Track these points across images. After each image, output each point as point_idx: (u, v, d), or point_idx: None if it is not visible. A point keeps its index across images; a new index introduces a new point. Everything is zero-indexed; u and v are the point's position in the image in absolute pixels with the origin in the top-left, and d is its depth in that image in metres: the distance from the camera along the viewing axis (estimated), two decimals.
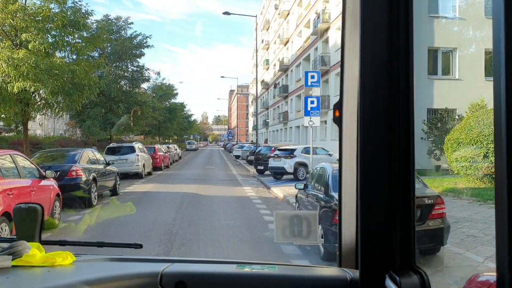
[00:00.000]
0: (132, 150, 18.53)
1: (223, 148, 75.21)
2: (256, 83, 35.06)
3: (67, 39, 16.61)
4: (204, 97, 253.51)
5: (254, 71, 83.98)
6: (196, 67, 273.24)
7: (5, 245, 1.43)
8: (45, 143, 31.16)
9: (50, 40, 15.83)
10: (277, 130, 52.93)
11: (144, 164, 18.95)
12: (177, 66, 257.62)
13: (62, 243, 1.61)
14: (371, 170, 1.15)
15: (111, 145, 19.51)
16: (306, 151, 18.68)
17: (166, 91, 54.28)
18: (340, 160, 1.39)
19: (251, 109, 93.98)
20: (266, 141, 52.78)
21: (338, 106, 1.37)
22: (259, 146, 27.90)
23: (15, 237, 1.53)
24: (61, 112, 17.36)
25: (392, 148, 1.13)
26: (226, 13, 28.43)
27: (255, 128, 79.03)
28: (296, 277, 1.34)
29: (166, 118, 52.13)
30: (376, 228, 1.15)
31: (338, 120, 1.37)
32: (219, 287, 1.35)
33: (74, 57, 17.70)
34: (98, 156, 12.33)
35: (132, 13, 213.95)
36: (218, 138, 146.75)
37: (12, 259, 1.36)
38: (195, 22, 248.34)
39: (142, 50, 29.97)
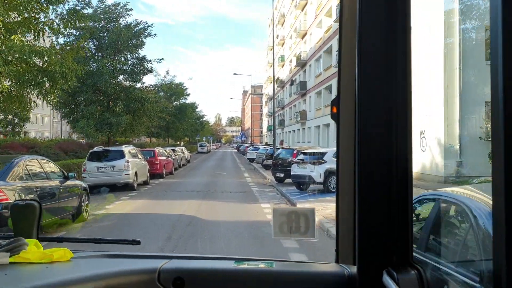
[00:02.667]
0: (120, 155, 14.87)
1: (236, 150, 71.83)
2: (274, 78, 31.19)
3: (37, 15, 13.10)
4: (217, 99, 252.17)
5: (268, 69, 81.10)
6: (208, 69, 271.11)
7: (3, 241, 1.43)
8: (42, 146, 27.95)
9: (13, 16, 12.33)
10: (294, 131, 49.64)
11: (136, 173, 15.26)
12: (190, 68, 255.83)
13: (60, 240, 1.68)
14: (369, 166, 1.13)
15: (95, 149, 15.82)
16: None
17: (175, 90, 51.12)
18: (337, 156, 1.40)
19: (265, 110, 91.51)
20: (282, 142, 49.07)
21: (336, 102, 1.37)
22: (277, 148, 24.01)
23: (13, 234, 1.52)
24: (28, 108, 13.78)
25: (389, 144, 1.11)
26: None
27: (270, 128, 76.05)
28: (294, 273, 1.34)
29: (175, 118, 48.93)
30: (374, 224, 1.13)
31: (335, 117, 1.37)
32: (217, 283, 1.34)
33: (48, 40, 14.13)
34: (50, 166, 8.59)
35: (146, 16, 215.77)
36: (232, 139, 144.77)
37: (10, 256, 1.36)
38: (207, 24, 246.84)
39: (144, 39, 26.28)
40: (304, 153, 15.63)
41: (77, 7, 14.78)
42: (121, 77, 26.57)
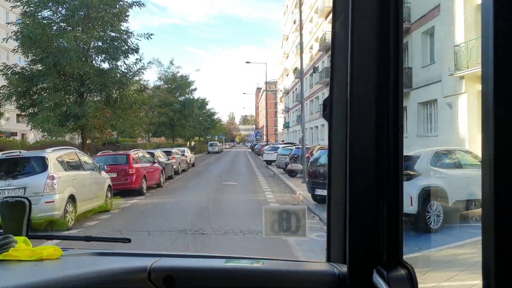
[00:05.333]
0: (41, 166, 8.13)
1: (250, 150, 65.15)
2: (301, 57, 24.14)
3: None
4: (230, 99, 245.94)
5: (284, 61, 74.33)
6: (221, 68, 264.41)
7: None
8: (19, 148, 21.71)
9: None
10: (317, 127, 43.00)
11: (73, 196, 8.49)
12: (201, 68, 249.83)
13: (50, 237, 1.74)
14: (359, 165, 1.13)
15: None
16: (441, 161, 7.99)
17: (180, 83, 44.65)
18: (329, 155, 1.39)
19: (280, 106, 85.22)
20: (300, 141, 42.14)
21: (328, 101, 1.36)
22: (313, 151, 17.01)
23: (2, 231, 1.49)
24: None
25: (380, 144, 1.10)
26: None
27: (287, 125, 68.96)
28: (284, 272, 1.34)
29: (180, 115, 42.44)
30: (364, 223, 1.13)
31: (327, 115, 1.36)
32: (207, 281, 1.33)
33: None
34: None
35: (157, 17, 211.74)
36: (246, 138, 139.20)
37: None
38: (219, 24, 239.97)
39: (128, 7, 19.60)
40: None
41: None
42: (97, 58, 20.00)
